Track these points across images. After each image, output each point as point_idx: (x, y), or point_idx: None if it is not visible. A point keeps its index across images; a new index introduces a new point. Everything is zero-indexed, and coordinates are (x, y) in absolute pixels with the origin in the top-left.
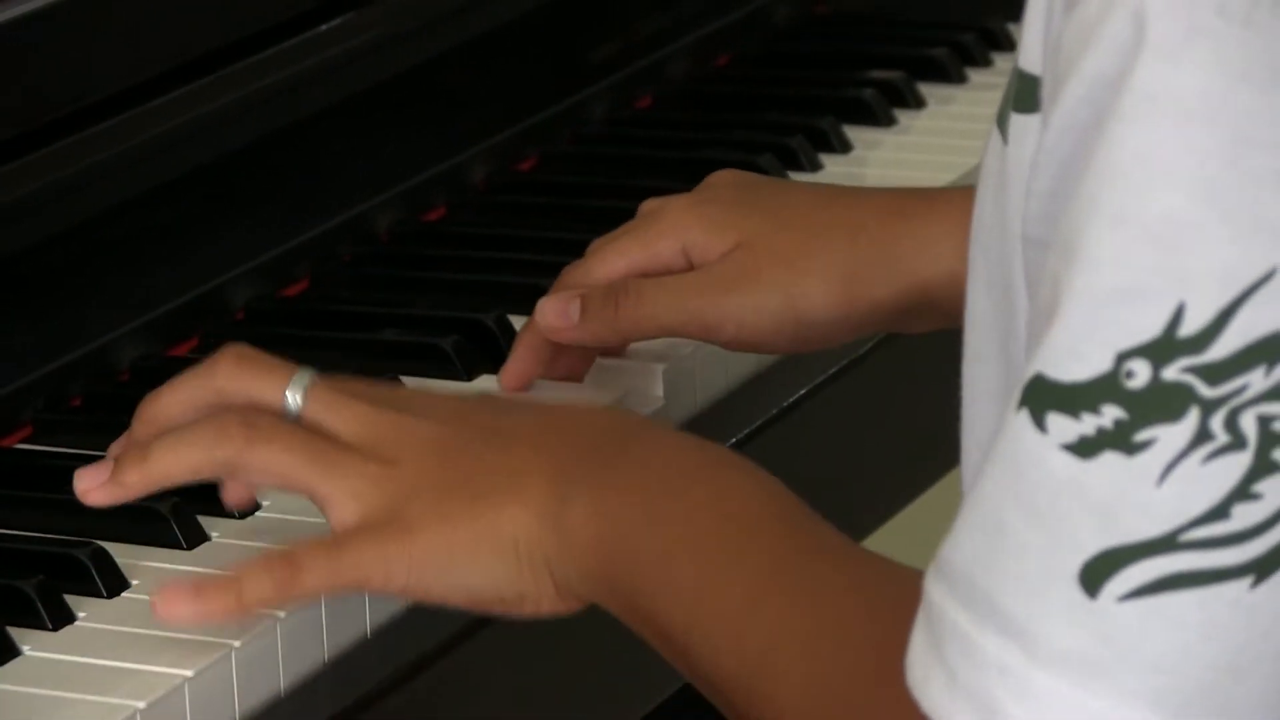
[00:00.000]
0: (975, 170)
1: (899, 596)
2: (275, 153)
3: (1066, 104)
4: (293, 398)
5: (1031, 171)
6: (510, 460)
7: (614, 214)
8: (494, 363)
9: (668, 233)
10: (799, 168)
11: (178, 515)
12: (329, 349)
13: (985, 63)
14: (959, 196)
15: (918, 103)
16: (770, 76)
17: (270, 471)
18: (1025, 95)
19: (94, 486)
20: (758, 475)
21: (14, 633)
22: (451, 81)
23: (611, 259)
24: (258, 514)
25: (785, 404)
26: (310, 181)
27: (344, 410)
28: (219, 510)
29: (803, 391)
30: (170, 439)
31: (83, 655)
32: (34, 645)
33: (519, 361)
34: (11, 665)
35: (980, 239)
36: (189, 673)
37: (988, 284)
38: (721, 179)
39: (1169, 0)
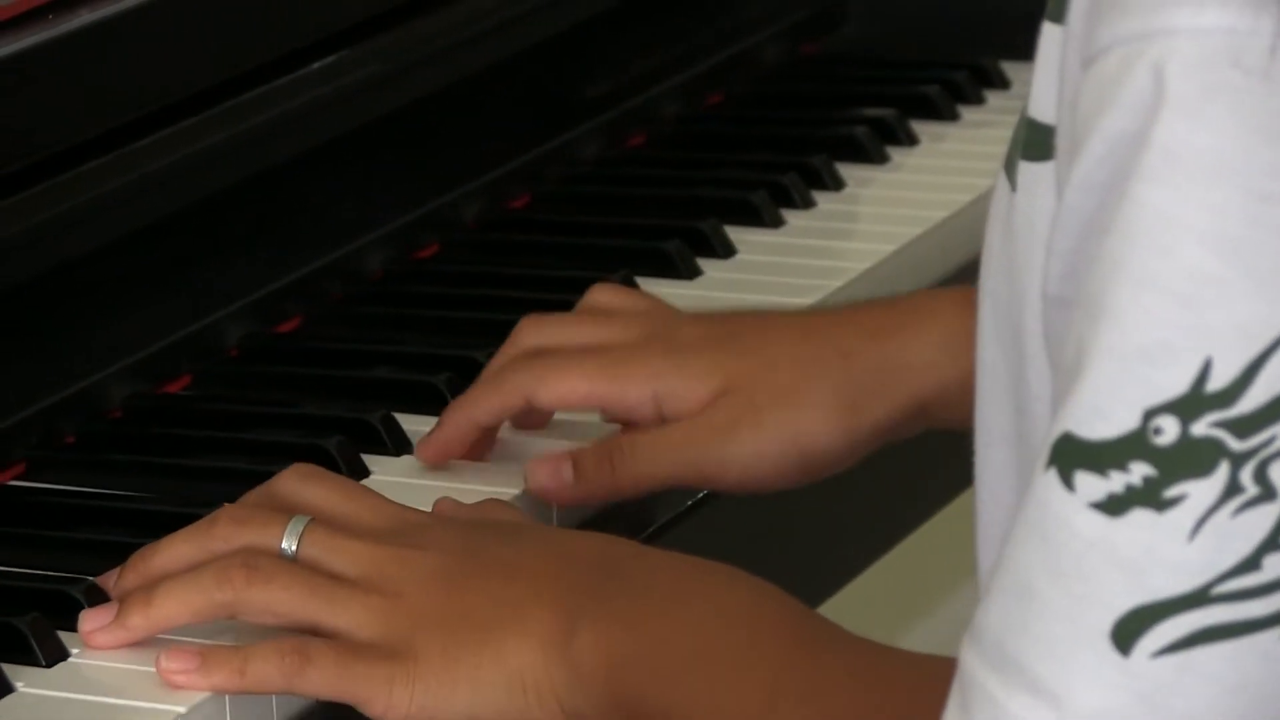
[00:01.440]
0: (968, 207)
1: (894, 677)
2: (267, 191)
3: (1087, 162)
4: (289, 542)
5: (1053, 230)
6: (513, 591)
7: (605, 252)
8: None
9: (637, 377)
10: (792, 205)
11: None
12: (321, 386)
13: (977, 100)
14: (940, 301)
15: (910, 140)
16: (762, 115)
17: (273, 610)
18: (1036, 144)
19: (98, 628)
20: (751, 581)
21: (8, 669)
22: (443, 120)
23: (573, 383)
24: None
25: None
26: (302, 219)
27: (342, 549)
28: None
29: None
30: (174, 583)
31: (76, 692)
32: (28, 682)
33: (445, 443)
34: (5, 702)
35: (988, 286)
36: (182, 709)
37: (996, 331)
38: (610, 299)
39: (1188, 56)
